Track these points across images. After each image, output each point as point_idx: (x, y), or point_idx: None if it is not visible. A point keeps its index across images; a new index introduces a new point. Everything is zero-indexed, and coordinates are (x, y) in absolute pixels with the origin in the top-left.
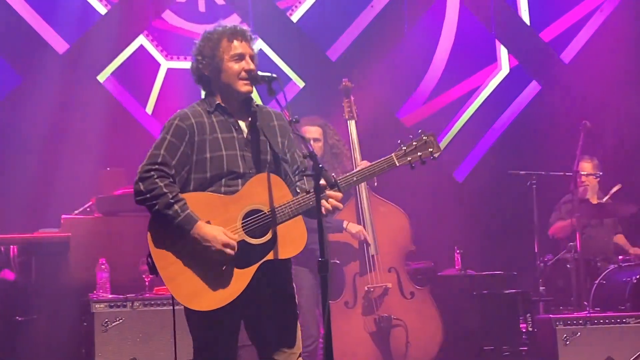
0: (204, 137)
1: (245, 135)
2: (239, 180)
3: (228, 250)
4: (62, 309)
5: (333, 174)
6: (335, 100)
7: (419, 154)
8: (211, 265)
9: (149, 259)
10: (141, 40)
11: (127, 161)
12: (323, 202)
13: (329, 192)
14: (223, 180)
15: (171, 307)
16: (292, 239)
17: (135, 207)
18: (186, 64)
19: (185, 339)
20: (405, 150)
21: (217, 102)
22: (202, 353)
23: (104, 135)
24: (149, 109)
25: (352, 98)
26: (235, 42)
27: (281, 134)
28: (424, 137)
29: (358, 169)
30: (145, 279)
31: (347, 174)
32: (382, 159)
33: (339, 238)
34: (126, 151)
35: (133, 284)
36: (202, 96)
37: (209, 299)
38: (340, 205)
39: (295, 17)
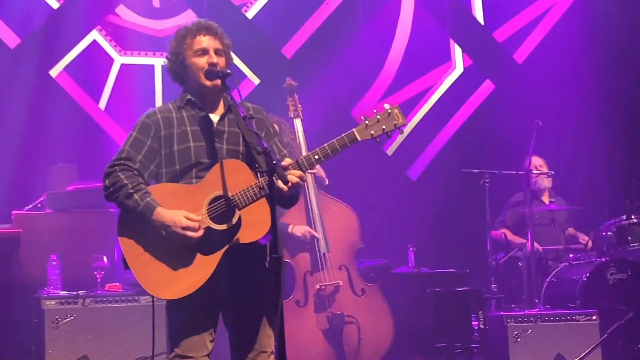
0: (171, 131)
1: (217, 128)
2: (208, 172)
3: (189, 233)
4: (12, 306)
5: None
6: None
7: (382, 127)
8: (177, 253)
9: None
10: (94, 35)
11: (80, 157)
12: (278, 182)
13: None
14: (193, 172)
15: (123, 305)
16: (256, 222)
17: (86, 204)
18: (140, 60)
19: (148, 335)
20: (367, 123)
21: (188, 97)
22: (177, 340)
23: (56, 130)
24: (102, 104)
25: (297, 96)
26: (199, 37)
27: (258, 128)
28: (387, 110)
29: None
30: (97, 276)
31: (309, 153)
32: (344, 134)
33: (288, 237)
34: (78, 147)
35: (85, 280)
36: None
37: (175, 288)
38: (300, 182)
39: (250, 14)
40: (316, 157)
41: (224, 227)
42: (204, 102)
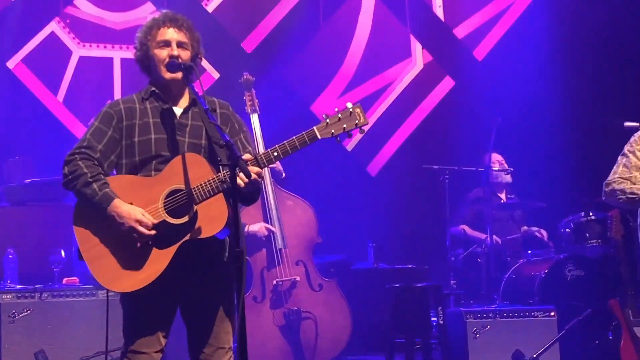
0: (132, 122)
1: (179, 121)
2: (168, 164)
3: (140, 228)
4: None
5: (254, 151)
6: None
7: (343, 125)
8: (131, 246)
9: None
10: (53, 26)
11: (37, 150)
12: (241, 175)
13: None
14: (153, 164)
15: (81, 299)
16: (212, 217)
17: (43, 197)
18: (99, 52)
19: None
20: (328, 122)
21: (152, 89)
22: (130, 335)
23: (12, 123)
24: (60, 96)
25: (254, 91)
26: (163, 29)
27: (222, 122)
28: (349, 109)
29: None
30: (55, 269)
31: (268, 150)
32: (304, 132)
33: (245, 232)
34: (36, 140)
35: (42, 274)
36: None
37: (129, 281)
38: (258, 178)
39: (210, 8)
40: (275, 153)
41: (179, 221)
42: (168, 94)
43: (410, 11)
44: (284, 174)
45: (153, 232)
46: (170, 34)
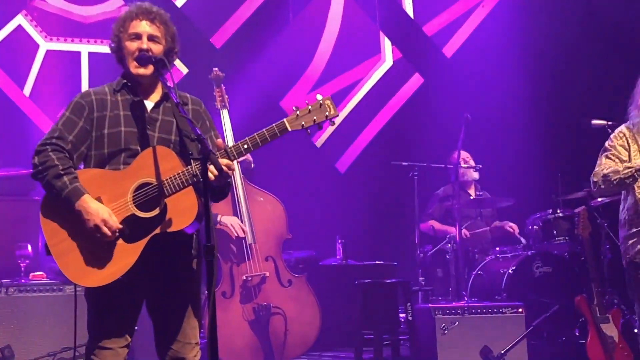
0: (103, 114)
1: (150, 115)
2: (137, 158)
3: (105, 229)
4: None
5: (225, 143)
6: None
7: (314, 117)
8: (100, 240)
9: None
10: (19, 20)
11: (3, 144)
12: (211, 168)
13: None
14: (121, 157)
15: (48, 294)
16: (181, 211)
17: (10, 191)
18: (66, 46)
19: (69, 325)
20: (298, 114)
21: (124, 81)
22: (95, 330)
23: None
24: (27, 91)
25: (223, 87)
26: (135, 21)
27: (194, 119)
28: (319, 101)
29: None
30: (21, 264)
31: (239, 142)
32: (274, 124)
33: (217, 222)
34: (1, 133)
35: (8, 269)
36: None
37: (97, 276)
38: (228, 170)
39: (179, 2)
40: (245, 146)
41: (149, 214)
42: (140, 87)
43: (379, 8)
44: (252, 164)
45: (117, 234)
46: (142, 26)
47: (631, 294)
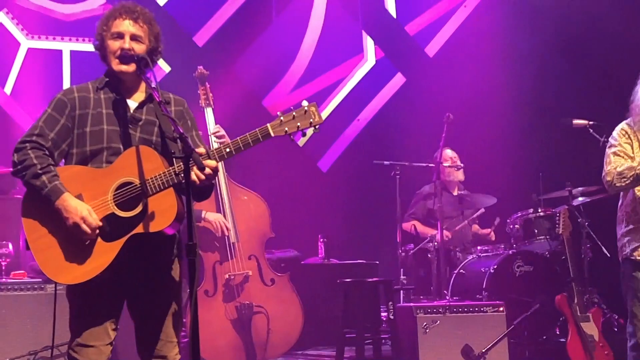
0: (86, 112)
1: (132, 114)
2: (120, 157)
3: (84, 226)
4: None
5: (207, 146)
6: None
7: (297, 124)
8: (79, 238)
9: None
10: (1, 17)
11: None
12: (194, 168)
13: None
14: (103, 155)
15: (29, 293)
16: (161, 211)
17: None
18: (48, 44)
19: (50, 324)
20: (282, 120)
21: (107, 79)
22: (77, 328)
23: None
24: (8, 89)
25: (208, 85)
26: (118, 20)
27: (176, 118)
28: (304, 107)
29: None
30: (2, 263)
31: (221, 146)
32: (258, 129)
33: (198, 226)
34: None
35: None
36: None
37: (74, 273)
38: (212, 172)
39: (162, 1)
40: (227, 150)
41: (128, 214)
42: (123, 86)
43: (362, 7)
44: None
45: (97, 231)
46: (125, 25)
47: (624, 290)
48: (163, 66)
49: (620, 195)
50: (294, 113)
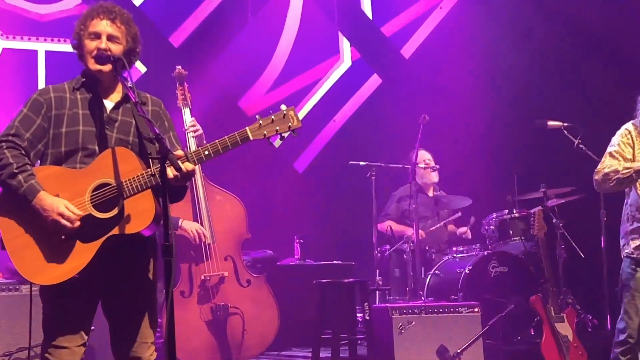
0: (62, 112)
1: (109, 114)
2: (94, 158)
3: (63, 221)
4: None
5: (185, 149)
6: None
7: (276, 128)
8: (56, 239)
9: None
10: None
11: None
12: (170, 169)
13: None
14: (79, 156)
15: (4, 294)
16: (139, 213)
17: None
18: (23, 45)
19: (25, 325)
20: (261, 123)
21: (84, 79)
22: (51, 330)
23: None
24: None
25: (186, 85)
26: (96, 20)
27: (153, 119)
28: (283, 111)
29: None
30: None
31: (199, 148)
32: (236, 132)
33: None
34: None
35: None
36: None
37: (51, 273)
38: (188, 173)
39: (137, 1)
40: (206, 152)
41: (106, 215)
42: (99, 86)
43: (338, 8)
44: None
45: (77, 224)
46: (102, 26)
47: (620, 288)
48: (139, 66)
49: (625, 193)
50: (272, 117)
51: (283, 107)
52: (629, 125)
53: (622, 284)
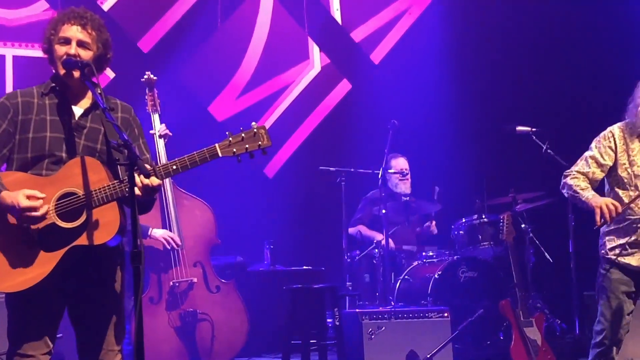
0: (29, 117)
1: (77, 121)
2: (60, 165)
3: (33, 213)
4: None
5: (153, 162)
6: (145, 92)
7: (246, 146)
8: (19, 246)
9: None
10: None
11: None
12: (141, 177)
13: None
14: (45, 163)
15: None
16: (104, 224)
17: None
18: None
19: None
20: (231, 141)
21: (53, 85)
22: (16, 338)
23: None
24: None
25: (156, 91)
26: (66, 25)
27: (123, 126)
28: (254, 129)
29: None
30: None
31: (168, 163)
32: (205, 148)
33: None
34: None
35: None
36: None
37: (12, 281)
38: (154, 186)
39: (106, 6)
40: (174, 167)
41: (70, 225)
42: (69, 92)
43: (308, 14)
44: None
45: (45, 208)
46: (73, 31)
47: (597, 289)
48: (107, 72)
49: (606, 192)
50: (243, 135)
51: (254, 124)
52: (614, 128)
53: (598, 285)
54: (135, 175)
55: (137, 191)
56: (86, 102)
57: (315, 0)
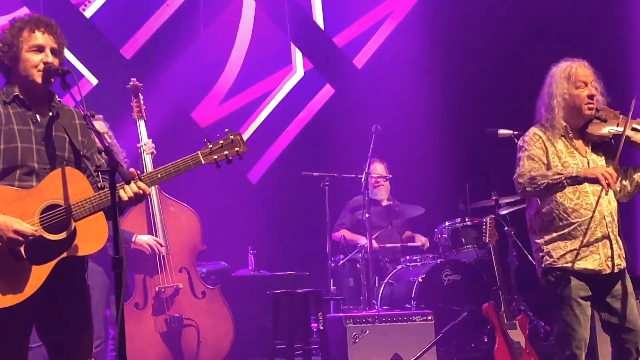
0: None
1: (43, 130)
2: (33, 176)
3: (20, 239)
4: None
5: (138, 171)
6: (129, 98)
7: (225, 152)
8: (4, 261)
9: None
10: None
11: None
12: (121, 191)
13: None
14: (17, 174)
15: None
16: (92, 235)
17: None
18: None
19: None
20: (211, 148)
21: (16, 93)
22: None
23: None
24: None
25: (141, 97)
26: (37, 33)
27: (82, 133)
28: (230, 136)
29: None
30: None
31: (152, 171)
32: (188, 156)
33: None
34: None
35: None
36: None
37: (1, 297)
38: (140, 191)
39: (88, 13)
40: (159, 175)
41: (57, 237)
42: (32, 101)
43: (290, 19)
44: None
45: (37, 233)
46: (45, 39)
47: (553, 301)
48: (90, 79)
49: (532, 203)
50: (221, 142)
51: (228, 131)
52: (536, 130)
53: (553, 297)
54: (126, 186)
55: (124, 197)
56: (47, 111)
57: (297, 6)
